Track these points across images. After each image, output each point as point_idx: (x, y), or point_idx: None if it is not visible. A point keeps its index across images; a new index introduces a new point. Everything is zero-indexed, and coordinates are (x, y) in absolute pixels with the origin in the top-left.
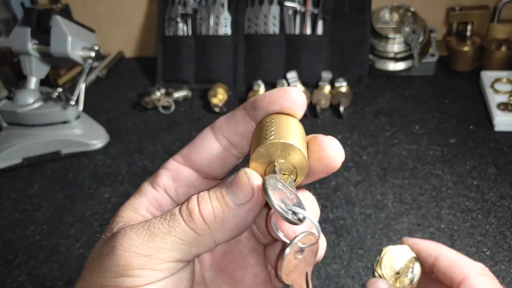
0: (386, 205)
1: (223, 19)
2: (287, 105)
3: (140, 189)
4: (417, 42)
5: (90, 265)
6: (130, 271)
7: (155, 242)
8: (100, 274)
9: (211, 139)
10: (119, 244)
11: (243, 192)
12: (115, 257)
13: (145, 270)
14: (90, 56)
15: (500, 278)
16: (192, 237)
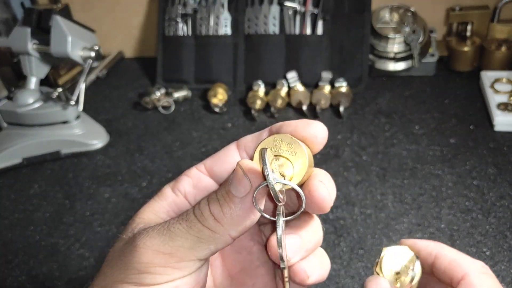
0: (386, 205)
1: (223, 19)
2: (308, 136)
3: (161, 193)
4: (417, 42)
5: (110, 262)
6: (151, 268)
7: (175, 241)
8: (122, 270)
9: (234, 153)
10: (142, 242)
11: (242, 184)
12: (137, 254)
13: (165, 268)
14: (90, 56)
15: (500, 278)
16: (208, 235)
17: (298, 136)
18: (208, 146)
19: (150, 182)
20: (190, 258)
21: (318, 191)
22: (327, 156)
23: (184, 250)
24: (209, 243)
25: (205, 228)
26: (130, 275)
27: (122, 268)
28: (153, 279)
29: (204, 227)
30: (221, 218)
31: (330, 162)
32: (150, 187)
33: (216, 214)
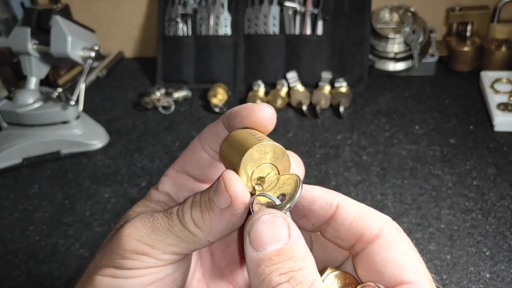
0: (386, 205)
1: (223, 19)
2: (258, 121)
3: (148, 194)
4: (417, 42)
5: (101, 249)
6: (134, 255)
7: (157, 235)
8: (108, 255)
9: (199, 150)
10: (127, 231)
11: (223, 197)
12: (122, 241)
13: (146, 257)
14: (90, 56)
15: (500, 278)
16: (188, 236)
17: (249, 123)
18: None
19: (149, 182)
20: (169, 252)
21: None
22: (327, 156)
23: (164, 245)
24: (188, 244)
25: (185, 230)
26: (115, 259)
27: (108, 253)
28: (134, 264)
29: (184, 228)
30: (201, 224)
31: (330, 162)
32: (150, 187)
33: (196, 219)
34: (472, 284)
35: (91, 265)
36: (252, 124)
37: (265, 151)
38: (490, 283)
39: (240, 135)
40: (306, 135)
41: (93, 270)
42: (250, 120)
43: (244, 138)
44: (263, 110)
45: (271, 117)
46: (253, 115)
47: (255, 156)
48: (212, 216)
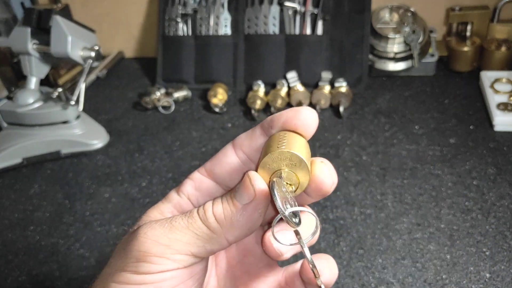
0: (386, 205)
1: (223, 19)
2: (300, 125)
3: (167, 196)
4: (417, 42)
5: (115, 253)
6: (148, 257)
7: (174, 234)
8: (122, 259)
9: (231, 154)
10: (143, 232)
11: (247, 192)
12: (137, 243)
13: (162, 259)
14: (90, 56)
15: (500, 277)
16: (206, 234)
17: (290, 126)
18: (208, 146)
19: (150, 182)
20: (185, 252)
21: (320, 165)
22: (327, 156)
23: (181, 244)
24: (205, 242)
25: (204, 226)
26: (129, 263)
27: (123, 257)
28: (149, 267)
29: (203, 225)
30: (222, 220)
31: (330, 162)
32: (150, 187)
33: (217, 215)
34: (472, 284)
35: (106, 270)
36: (292, 128)
37: (282, 158)
38: (490, 283)
39: (271, 140)
40: None
41: (108, 276)
42: (291, 124)
43: (270, 144)
44: (303, 114)
45: (310, 121)
46: (293, 120)
47: (272, 161)
48: (234, 211)
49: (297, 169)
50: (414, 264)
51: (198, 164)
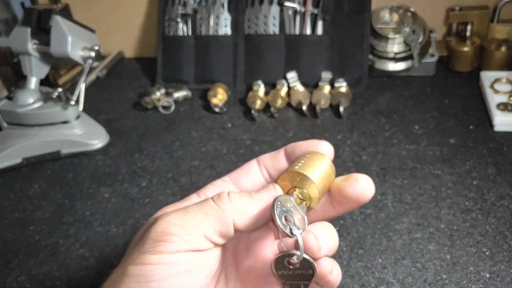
0: (386, 205)
1: (223, 19)
2: (319, 149)
3: (187, 197)
4: (417, 42)
5: (134, 243)
6: (165, 236)
7: (187, 216)
8: (141, 245)
9: (256, 168)
10: (160, 217)
11: (267, 189)
12: (155, 225)
13: (177, 237)
14: (90, 56)
15: (499, 277)
16: (216, 212)
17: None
18: (208, 146)
19: (150, 182)
20: (197, 232)
21: (360, 178)
22: None
23: (193, 224)
24: (215, 221)
25: (215, 205)
26: (148, 245)
27: (140, 243)
28: (165, 246)
29: (214, 204)
30: (235, 200)
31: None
32: (150, 187)
33: (232, 197)
34: (472, 284)
35: (125, 258)
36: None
37: (294, 177)
38: (490, 283)
39: (295, 159)
40: (306, 135)
41: (126, 261)
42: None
43: (292, 163)
44: (322, 146)
45: (328, 152)
46: (312, 149)
47: (287, 179)
48: (249, 200)
49: (306, 185)
50: (414, 264)
51: (198, 164)
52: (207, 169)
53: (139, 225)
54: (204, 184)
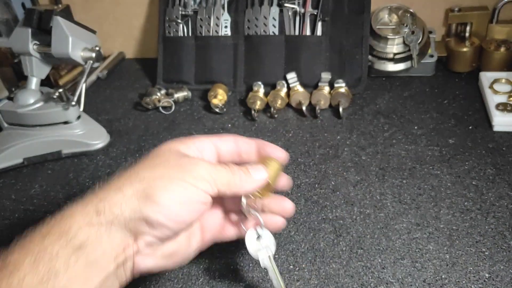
0: (385, 205)
1: (223, 20)
2: (271, 153)
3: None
4: (416, 43)
5: (163, 163)
6: (200, 181)
7: (217, 170)
8: (180, 173)
9: (232, 143)
10: (197, 162)
11: (259, 170)
12: (197, 168)
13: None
14: (91, 57)
15: (499, 277)
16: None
17: (265, 153)
18: None
19: None
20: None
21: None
22: (326, 156)
23: (219, 177)
24: (208, 181)
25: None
26: (189, 177)
27: (181, 172)
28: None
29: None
30: (233, 168)
31: (329, 162)
32: None
33: (232, 167)
34: (471, 283)
35: (155, 174)
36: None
37: None
38: (489, 283)
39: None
40: (306, 135)
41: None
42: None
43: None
44: (282, 154)
45: (284, 158)
46: (267, 151)
47: None
48: (239, 172)
49: (265, 190)
50: (414, 264)
51: None
52: None
53: None
54: None
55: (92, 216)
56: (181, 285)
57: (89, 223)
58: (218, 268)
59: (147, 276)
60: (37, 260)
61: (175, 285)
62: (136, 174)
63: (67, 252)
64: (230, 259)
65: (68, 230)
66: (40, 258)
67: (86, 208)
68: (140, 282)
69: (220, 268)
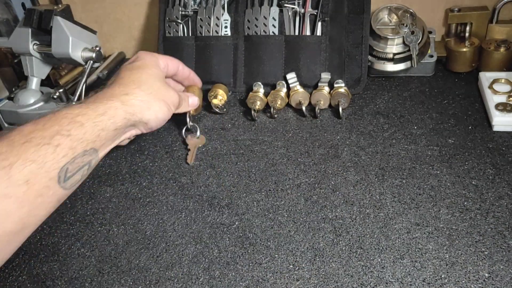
0: (385, 204)
1: (223, 20)
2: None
3: None
4: (416, 43)
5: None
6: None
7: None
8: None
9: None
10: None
11: (193, 99)
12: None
13: None
14: (91, 57)
15: (498, 277)
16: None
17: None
18: (208, 146)
19: (150, 182)
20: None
21: None
22: (326, 156)
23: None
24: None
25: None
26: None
27: (162, 96)
28: None
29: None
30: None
31: (329, 162)
32: (151, 186)
33: (180, 93)
34: (471, 283)
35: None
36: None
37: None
38: (489, 283)
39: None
40: (306, 135)
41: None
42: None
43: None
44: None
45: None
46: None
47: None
48: (187, 102)
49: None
50: (413, 264)
51: (198, 164)
52: (207, 169)
53: (140, 224)
54: (204, 183)
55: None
56: (181, 285)
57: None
58: (218, 268)
59: (147, 275)
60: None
61: (175, 285)
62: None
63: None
64: (230, 258)
65: (109, 103)
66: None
67: (112, 98)
68: (140, 282)
69: (220, 268)
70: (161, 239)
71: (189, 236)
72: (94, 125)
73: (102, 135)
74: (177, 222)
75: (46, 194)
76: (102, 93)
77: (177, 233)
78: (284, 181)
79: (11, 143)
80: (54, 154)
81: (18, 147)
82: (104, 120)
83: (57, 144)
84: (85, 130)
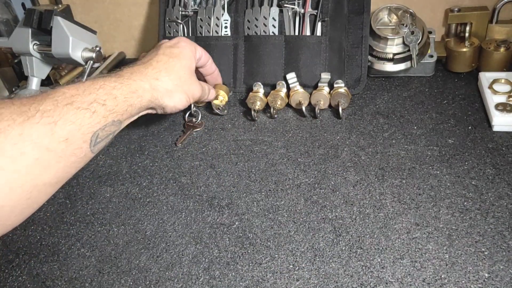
0: (385, 204)
1: (223, 21)
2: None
3: None
4: (416, 43)
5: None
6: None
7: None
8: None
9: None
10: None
11: (213, 92)
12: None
13: None
14: (91, 57)
15: (498, 277)
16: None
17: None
18: (208, 146)
19: (150, 182)
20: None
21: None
22: (326, 156)
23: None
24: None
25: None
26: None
27: (186, 86)
28: None
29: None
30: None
31: (329, 162)
32: (151, 186)
33: (203, 85)
34: (471, 283)
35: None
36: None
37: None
38: (489, 283)
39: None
40: (306, 135)
41: None
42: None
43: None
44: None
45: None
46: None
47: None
48: (209, 91)
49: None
50: (413, 264)
51: (198, 164)
52: (207, 169)
53: (140, 224)
54: (204, 183)
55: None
56: (181, 285)
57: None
58: (218, 268)
59: (147, 276)
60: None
61: (175, 285)
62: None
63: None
64: (230, 258)
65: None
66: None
67: (144, 79)
68: (140, 282)
69: (220, 268)
70: (161, 239)
71: (189, 236)
72: (125, 100)
73: (129, 110)
74: (177, 222)
75: (79, 155)
76: (137, 68)
77: (177, 233)
78: (284, 181)
79: (56, 103)
80: (90, 119)
81: (61, 107)
82: (133, 97)
83: (94, 110)
84: (117, 103)
